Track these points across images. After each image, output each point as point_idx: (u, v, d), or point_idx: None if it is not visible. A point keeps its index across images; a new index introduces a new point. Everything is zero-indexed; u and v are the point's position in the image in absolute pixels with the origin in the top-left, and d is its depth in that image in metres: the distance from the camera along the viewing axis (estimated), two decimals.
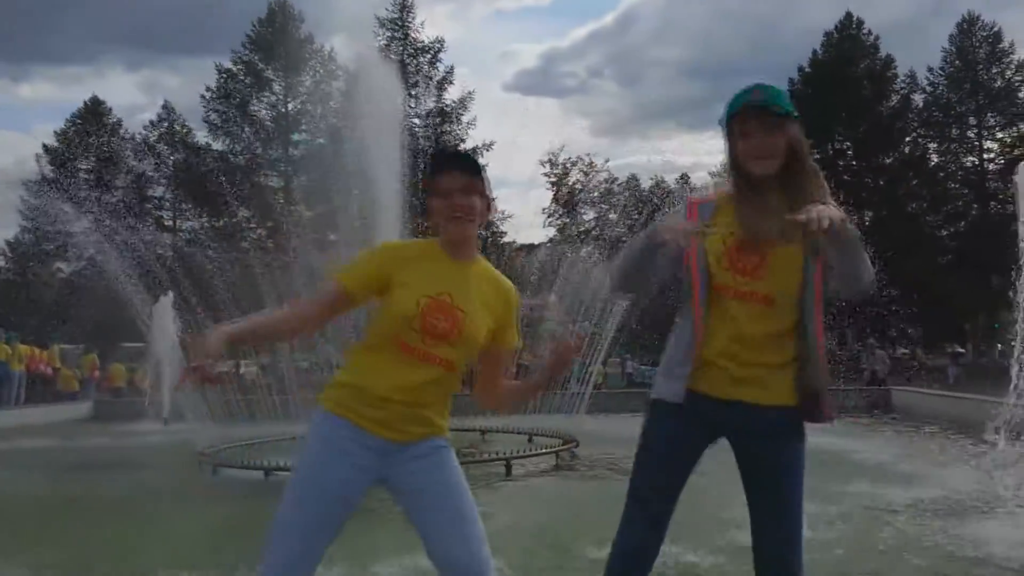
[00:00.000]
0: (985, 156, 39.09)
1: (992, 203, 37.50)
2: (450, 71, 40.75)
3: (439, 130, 38.72)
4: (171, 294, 15.69)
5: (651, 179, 44.28)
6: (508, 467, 8.25)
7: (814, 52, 39.01)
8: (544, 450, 9.10)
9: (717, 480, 2.97)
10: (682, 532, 4.70)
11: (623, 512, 2.46)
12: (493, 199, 2.55)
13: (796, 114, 2.37)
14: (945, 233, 38.68)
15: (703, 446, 2.46)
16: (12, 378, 18.27)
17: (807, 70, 38.70)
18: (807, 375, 2.32)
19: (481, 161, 2.55)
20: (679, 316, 2.48)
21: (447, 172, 2.47)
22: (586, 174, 45.35)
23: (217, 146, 40.58)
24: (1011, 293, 7.40)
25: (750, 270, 2.33)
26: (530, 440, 10.24)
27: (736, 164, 2.38)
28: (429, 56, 40.52)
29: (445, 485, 2.44)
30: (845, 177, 38.12)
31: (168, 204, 42.44)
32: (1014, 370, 6.97)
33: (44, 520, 6.40)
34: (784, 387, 2.34)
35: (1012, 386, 6.97)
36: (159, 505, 6.94)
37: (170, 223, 41.69)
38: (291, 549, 2.32)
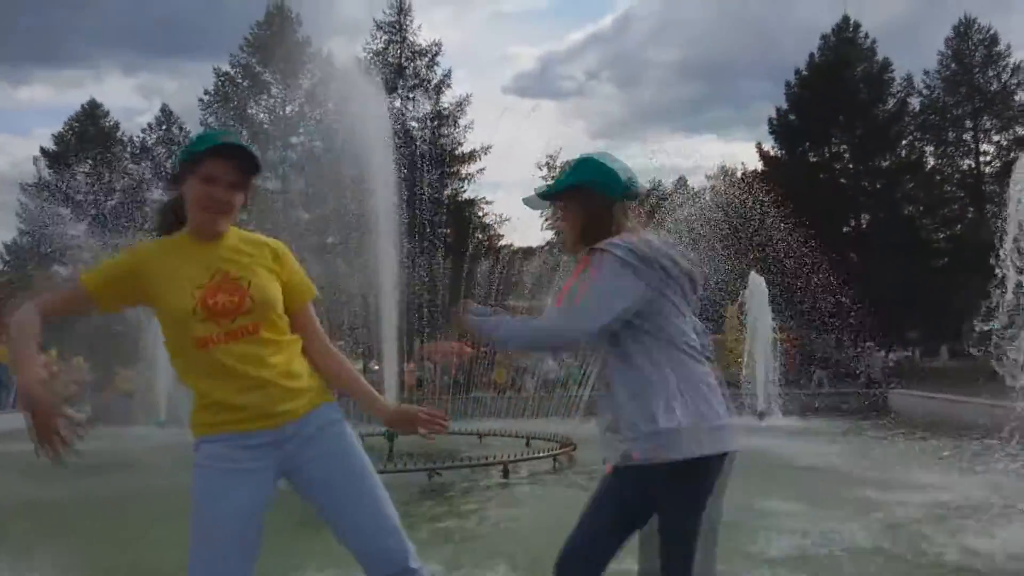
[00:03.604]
0: (981, 159, 39.17)
1: (988, 206, 37.56)
2: (448, 74, 40.78)
3: (436, 133, 38.72)
4: None
5: (648, 182, 44.32)
6: (506, 471, 8.29)
7: (811, 55, 39.05)
8: (542, 454, 9.13)
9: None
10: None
11: None
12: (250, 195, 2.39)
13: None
14: (941, 236, 38.74)
15: None
16: (12, 381, 18.29)
17: (804, 73, 38.75)
18: None
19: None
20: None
21: (219, 159, 2.27)
22: None
23: None
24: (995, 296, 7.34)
25: None
26: (528, 444, 10.27)
27: None
28: (427, 59, 40.53)
29: (352, 473, 2.32)
30: (842, 180, 38.16)
31: None
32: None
33: (45, 524, 6.42)
34: None
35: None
36: (159, 508, 6.94)
37: None
38: None
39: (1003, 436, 6.69)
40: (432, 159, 34.36)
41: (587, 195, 2.51)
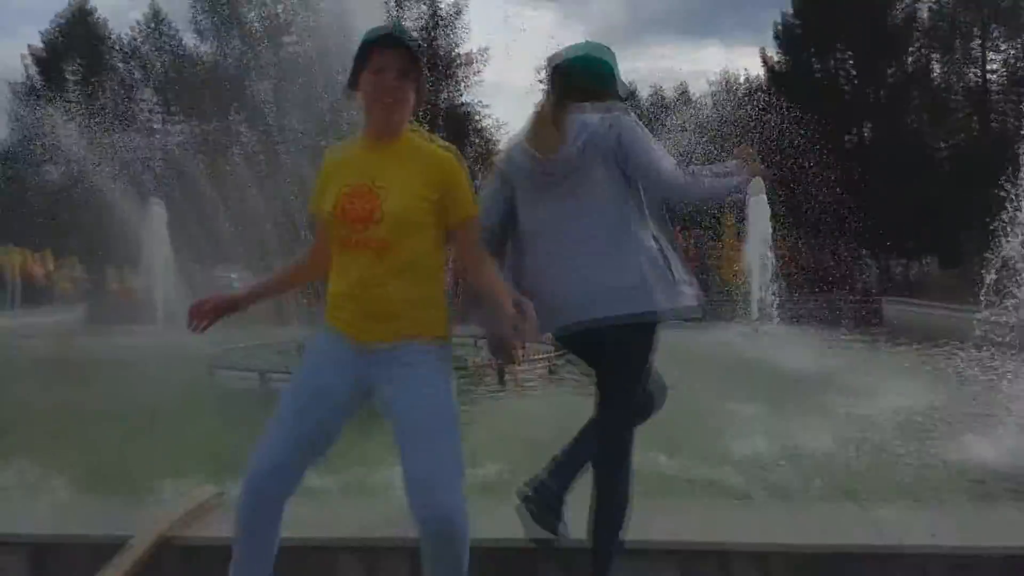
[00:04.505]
0: (988, 68, 38.43)
1: (993, 116, 37.13)
2: None
3: (431, 34, 37.76)
4: (162, 200, 15.60)
5: (650, 87, 43.63)
6: (500, 375, 8.31)
7: None
8: (537, 357, 9.12)
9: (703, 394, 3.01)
10: (681, 445, 4.82)
11: None
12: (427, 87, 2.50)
13: None
14: (944, 147, 38.33)
15: None
16: (7, 284, 18.31)
17: None
18: None
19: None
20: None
21: (386, 49, 2.35)
22: None
23: (205, 49, 39.73)
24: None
25: None
26: (523, 348, 10.28)
27: None
28: None
29: (421, 413, 2.34)
30: (845, 87, 37.50)
31: (157, 108, 41.67)
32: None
33: (44, 425, 6.45)
34: None
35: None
36: (159, 408, 6.96)
37: (159, 126, 41.04)
38: (274, 440, 2.35)
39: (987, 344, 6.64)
40: (429, 63, 33.65)
41: None
